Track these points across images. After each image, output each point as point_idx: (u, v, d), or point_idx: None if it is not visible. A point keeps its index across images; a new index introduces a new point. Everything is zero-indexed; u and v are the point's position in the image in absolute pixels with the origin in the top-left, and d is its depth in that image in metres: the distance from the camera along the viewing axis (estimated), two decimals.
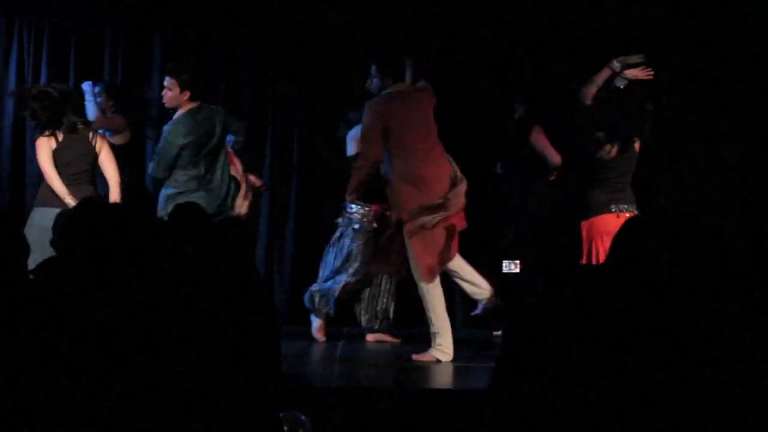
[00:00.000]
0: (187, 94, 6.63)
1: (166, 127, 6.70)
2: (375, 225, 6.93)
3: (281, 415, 3.35)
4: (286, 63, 8.16)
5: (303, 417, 3.56)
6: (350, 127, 7.10)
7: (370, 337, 7.09)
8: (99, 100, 7.37)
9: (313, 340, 7.04)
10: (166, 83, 6.67)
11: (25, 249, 2.86)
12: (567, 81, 7.47)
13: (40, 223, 5.79)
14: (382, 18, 8.04)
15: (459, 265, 6.42)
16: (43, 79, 7.94)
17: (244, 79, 8.19)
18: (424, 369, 5.99)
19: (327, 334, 7.07)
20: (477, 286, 6.50)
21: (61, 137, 6.19)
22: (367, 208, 6.93)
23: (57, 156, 6.16)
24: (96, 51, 8.08)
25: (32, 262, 2.90)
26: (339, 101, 8.03)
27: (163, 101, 6.72)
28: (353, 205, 6.94)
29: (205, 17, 8.11)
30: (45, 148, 6.16)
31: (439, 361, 6.09)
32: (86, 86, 7.26)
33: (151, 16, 8.11)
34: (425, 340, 6.47)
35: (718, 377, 2.19)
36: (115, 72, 8.06)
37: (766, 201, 7.47)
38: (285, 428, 3.36)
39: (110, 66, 8.06)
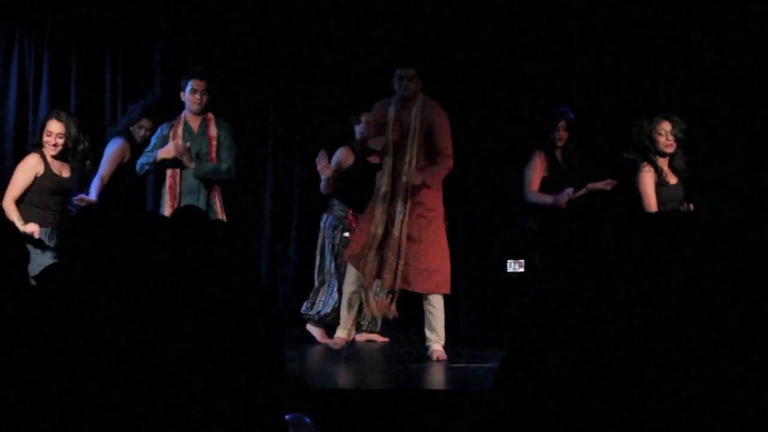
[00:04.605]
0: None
1: (226, 128, 6.69)
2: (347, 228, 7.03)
3: (286, 417, 3.34)
4: (286, 64, 8.16)
5: (308, 420, 3.55)
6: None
7: (358, 337, 7.09)
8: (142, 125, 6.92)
9: (315, 342, 7.04)
10: (199, 87, 6.57)
11: (25, 255, 2.87)
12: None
13: None
14: (382, 19, 8.05)
15: None
16: (44, 89, 7.92)
17: (244, 80, 8.18)
18: (427, 370, 5.99)
19: (329, 335, 7.07)
20: None
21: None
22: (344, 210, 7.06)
23: None
24: (97, 60, 8.06)
25: None
26: (339, 102, 8.04)
27: (197, 106, 6.61)
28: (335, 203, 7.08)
29: (205, 22, 8.10)
30: None
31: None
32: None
33: (150, 24, 8.09)
34: (414, 339, 6.50)
35: (720, 377, 2.19)
36: (116, 80, 8.05)
37: (766, 201, 7.46)
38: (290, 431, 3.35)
39: (111, 74, 8.04)
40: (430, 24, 8.05)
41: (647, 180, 6.31)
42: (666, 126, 6.32)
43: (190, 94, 6.61)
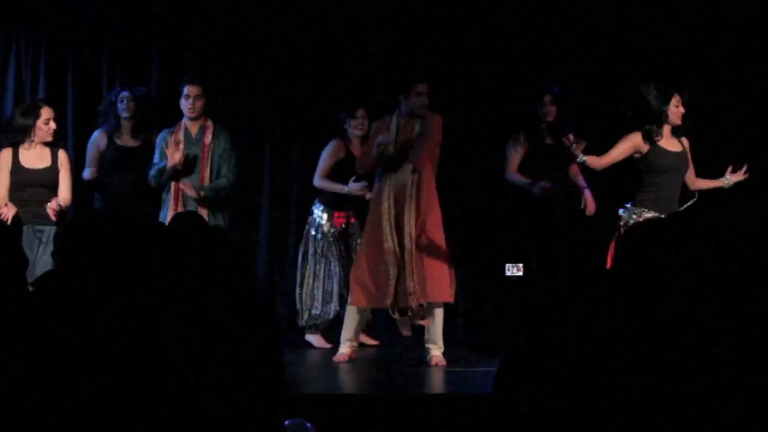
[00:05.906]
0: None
1: (224, 137, 6.73)
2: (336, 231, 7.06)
3: (286, 423, 3.33)
4: (286, 66, 8.15)
5: (309, 425, 3.54)
6: None
7: None
8: (127, 105, 7.01)
9: (314, 346, 7.02)
10: (192, 92, 6.62)
11: (23, 260, 2.86)
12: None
13: None
14: (383, 20, 8.04)
15: None
16: (41, 89, 7.91)
17: (244, 81, 8.17)
18: (426, 374, 5.99)
19: (328, 340, 7.06)
20: None
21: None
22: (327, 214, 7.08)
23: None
24: (94, 61, 8.04)
25: None
26: (339, 103, 8.03)
27: (191, 112, 6.64)
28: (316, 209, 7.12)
29: (205, 22, 8.09)
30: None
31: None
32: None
33: (149, 24, 8.08)
34: (408, 342, 6.48)
35: (720, 378, 2.18)
36: (113, 80, 8.02)
37: (766, 201, 7.45)
38: None
39: (108, 76, 8.02)
40: (429, 24, 8.05)
41: (624, 141, 6.15)
42: (680, 98, 6.20)
43: (184, 100, 6.68)
